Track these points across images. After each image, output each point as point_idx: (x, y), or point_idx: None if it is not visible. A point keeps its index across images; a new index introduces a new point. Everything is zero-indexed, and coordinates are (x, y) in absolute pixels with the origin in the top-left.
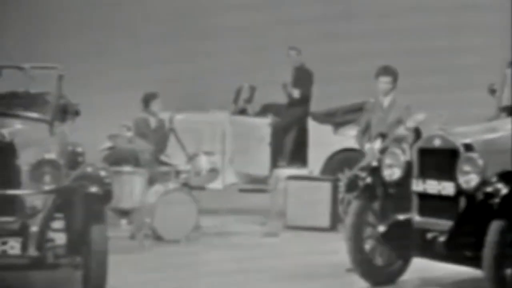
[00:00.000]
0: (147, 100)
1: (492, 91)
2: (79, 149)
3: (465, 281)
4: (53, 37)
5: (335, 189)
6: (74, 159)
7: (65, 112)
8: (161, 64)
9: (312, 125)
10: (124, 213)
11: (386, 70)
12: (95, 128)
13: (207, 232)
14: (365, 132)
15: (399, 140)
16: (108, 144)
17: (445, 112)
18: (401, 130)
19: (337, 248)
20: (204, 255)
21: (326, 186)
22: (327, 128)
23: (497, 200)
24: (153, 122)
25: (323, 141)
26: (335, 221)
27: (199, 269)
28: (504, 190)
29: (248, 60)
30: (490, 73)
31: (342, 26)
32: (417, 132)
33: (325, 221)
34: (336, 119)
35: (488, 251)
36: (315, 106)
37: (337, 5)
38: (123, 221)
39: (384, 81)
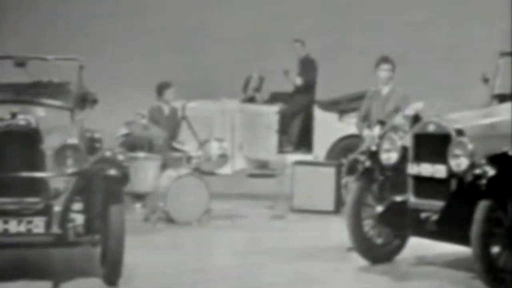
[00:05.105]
0: (161, 89)
1: (486, 80)
2: (97, 136)
3: (457, 259)
4: (65, 27)
5: (339, 174)
6: (92, 145)
7: (85, 100)
8: (174, 55)
9: (318, 113)
10: (139, 197)
11: (386, 59)
12: (112, 115)
13: (218, 215)
14: (364, 119)
15: (396, 129)
16: (124, 130)
17: (440, 100)
18: (398, 119)
19: (339, 230)
20: (215, 237)
21: (331, 171)
22: (332, 116)
23: (484, 181)
24: (166, 110)
25: (328, 128)
26: (339, 204)
27: (210, 250)
28: (491, 172)
29: (257, 50)
30: (486, 63)
31: (343, 18)
32: (417, 119)
33: (329, 205)
34: (341, 107)
35: (475, 229)
36: (320, 94)
37: None
38: (138, 205)
39: (385, 69)
